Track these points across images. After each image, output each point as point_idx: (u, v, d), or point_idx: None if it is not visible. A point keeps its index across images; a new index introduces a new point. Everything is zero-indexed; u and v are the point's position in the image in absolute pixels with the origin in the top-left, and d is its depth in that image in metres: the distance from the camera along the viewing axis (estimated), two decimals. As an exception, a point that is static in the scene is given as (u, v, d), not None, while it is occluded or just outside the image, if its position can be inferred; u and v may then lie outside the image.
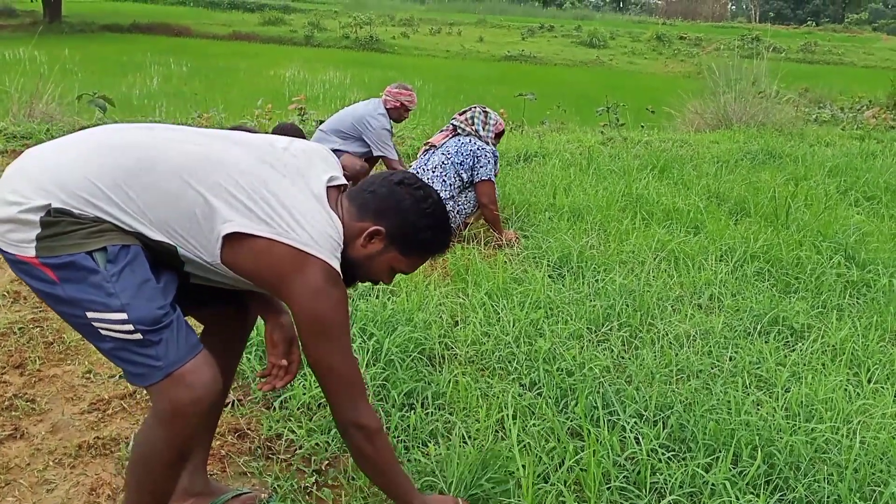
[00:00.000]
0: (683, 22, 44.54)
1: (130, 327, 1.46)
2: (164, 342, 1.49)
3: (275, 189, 1.58)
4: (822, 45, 30.92)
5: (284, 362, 1.82)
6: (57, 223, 1.46)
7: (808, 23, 48.96)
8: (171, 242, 1.54)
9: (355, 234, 1.69)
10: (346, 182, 1.77)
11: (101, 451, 2.20)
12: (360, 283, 1.87)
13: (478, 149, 4.25)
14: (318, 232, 1.58)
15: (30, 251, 1.46)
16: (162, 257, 1.57)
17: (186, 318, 1.60)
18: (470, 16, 38.36)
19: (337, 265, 1.59)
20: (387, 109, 5.29)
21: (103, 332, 1.48)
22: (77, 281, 1.46)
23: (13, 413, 2.37)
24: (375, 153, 5.17)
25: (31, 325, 2.93)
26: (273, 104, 7.81)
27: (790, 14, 60.52)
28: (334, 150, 5.14)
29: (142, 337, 1.47)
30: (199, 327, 1.84)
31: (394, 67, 18.77)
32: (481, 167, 4.24)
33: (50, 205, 1.45)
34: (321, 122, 6.04)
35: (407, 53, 25.56)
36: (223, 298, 1.83)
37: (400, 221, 1.70)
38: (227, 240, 1.53)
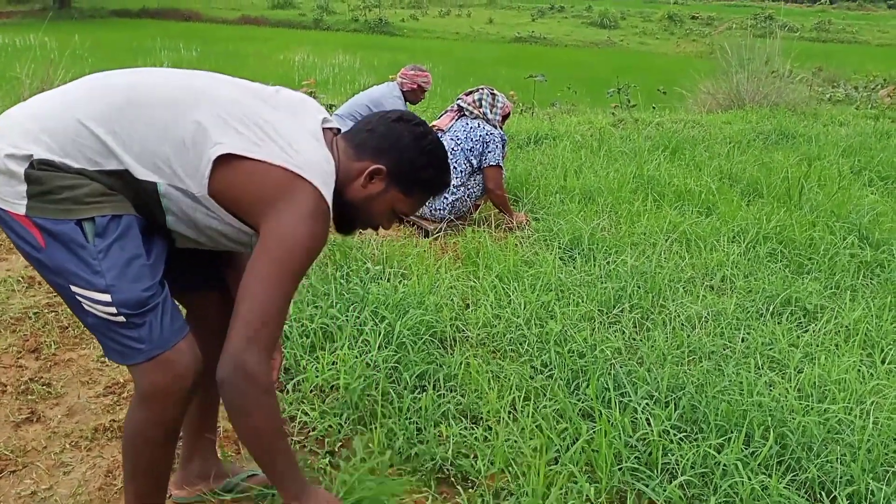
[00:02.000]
0: (695, 1, 44.05)
1: (114, 310, 1.42)
2: (147, 324, 1.45)
3: (268, 118, 1.53)
4: (836, 24, 30.57)
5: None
6: (43, 179, 1.40)
7: (822, 1, 48.30)
8: (156, 178, 1.46)
9: (354, 175, 1.62)
10: (339, 127, 1.71)
11: (117, 434, 2.22)
12: (357, 232, 1.79)
13: (487, 134, 4.24)
14: (312, 160, 1.51)
15: (20, 208, 1.41)
16: (149, 217, 1.51)
17: None
18: (479, -3, 38.05)
19: (328, 198, 1.51)
20: (403, 92, 5.30)
21: (86, 307, 1.44)
22: (63, 251, 1.42)
23: (29, 397, 2.40)
24: None
25: (45, 310, 2.96)
26: (283, 88, 7.78)
27: (804, -8, 59.64)
28: None
29: (125, 319, 1.44)
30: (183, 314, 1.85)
31: (403, 50, 18.70)
32: (489, 152, 4.22)
33: (32, 155, 1.40)
34: (331, 105, 6.03)
35: (416, 36, 25.46)
36: (209, 281, 1.81)
37: (401, 159, 1.63)
38: (217, 164, 1.46)
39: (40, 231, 1.42)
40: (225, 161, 1.46)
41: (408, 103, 5.35)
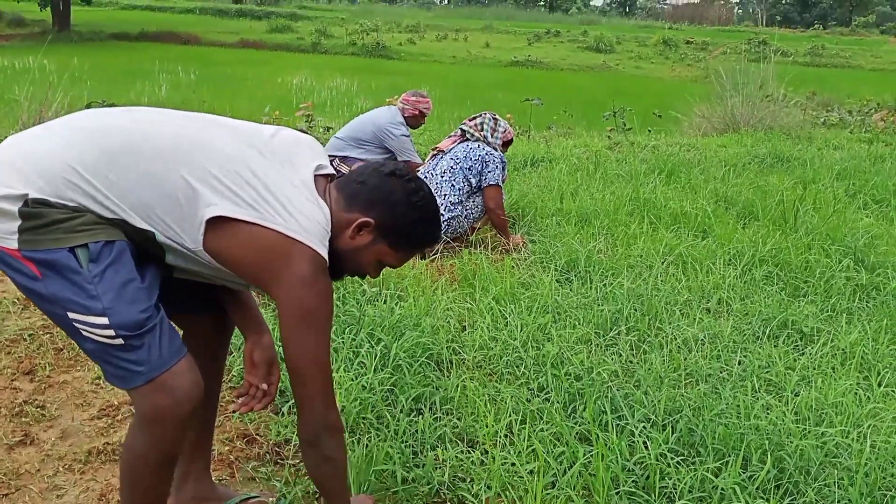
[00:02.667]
0: (690, 26, 44.52)
1: (112, 332, 1.43)
2: (146, 346, 1.46)
3: (261, 174, 1.54)
4: (830, 49, 30.87)
5: (265, 385, 1.79)
6: (37, 215, 1.41)
7: (816, 26, 48.84)
8: (152, 228, 1.48)
9: (343, 226, 1.64)
10: (335, 172, 1.72)
11: (111, 456, 2.21)
12: (347, 277, 1.81)
13: (486, 154, 4.26)
14: (306, 219, 1.53)
15: (12, 243, 1.42)
16: (145, 250, 1.53)
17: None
18: (476, 22, 38.43)
19: (325, 254, 1.54)
20: (404, 117, 5.35)
21: (85, 333, 1.45)
22: (59, 279, 1.42)
23: (23, 419, 2.38)
24: (400, 159, 5.21)
25: (41, 332, 2.94)
26: (280, 111, 7.83)
27: (797, 17, 60.41)
28: (352, 158, 5.19)
29: (123, 342, 1.44)
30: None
31: (400, 74, 18.83)
32: (489, 172, 4.25)
33: (27, 195, 1.41)
34: (329, 128, 6.06)
35: (413, 60, 25.64)
36: (203, 305, 1.81)
37: (390, 214, 1.65)
38: (210, 225, 1.48)
39: (34, 263, 1.43)
40: (219, 223, 1.48)
41: (409, 128, 5.40)
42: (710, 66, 16.84)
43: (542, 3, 67.31)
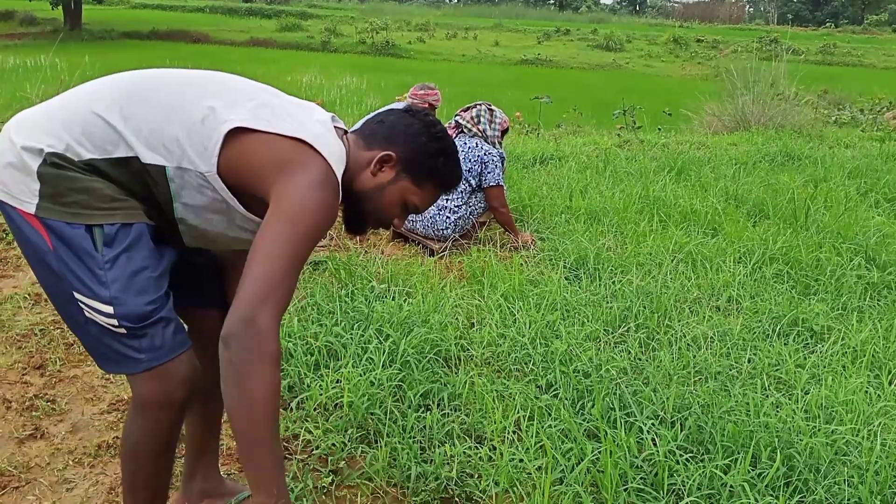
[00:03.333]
0: (700, 24, 44.33)
1: (115, 322, 1.43)
2: (148, 336, 1.46)
3: (279, 104, 1.54)
4: (842, 47, 30.68)
5: None
6: (56, 178, 1.41)
7: (827, 24, 48.56)
8: (164, 162, 1.45)
9: (363, 164, 1.60)
10: (346, 129, 1.70)
11: (120, 451, 2.22)
12: (369, 231, 1.75)
13: (485, 154, 4.23)
14: (323, 137, 1.50)
15: (31, 207, 1.41)
16: (160, 215, 1.51)
17: None
18: (486, 20, 38.40)
19: (339, 175, 1.50)
20: None
21: (87, 314, 1.44)
22: (71, 256, 1.42)
23: (34, 413, 2.40)
24: None
25: (51, 327, 2.96)
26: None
27: (809, 16, 60.08)
28: None
29: (126, 332, 1.45)
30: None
31: (410, 72, 18.83)
32: (489, 172, 4.22)
33: (43, 150, 1.41)
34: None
35: (423, 58, 25.64)
36: (211, 298, 1.81)
37: (412, 145, 1.61)
38: (227, 140, 1.45)
39: (49, 232, 1.42)
40: (236, 135, 1.46)
41: None
42: (720, 64, 16.76)
43: (552, 1, 67.19)
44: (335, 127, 1.62)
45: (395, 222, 1.68)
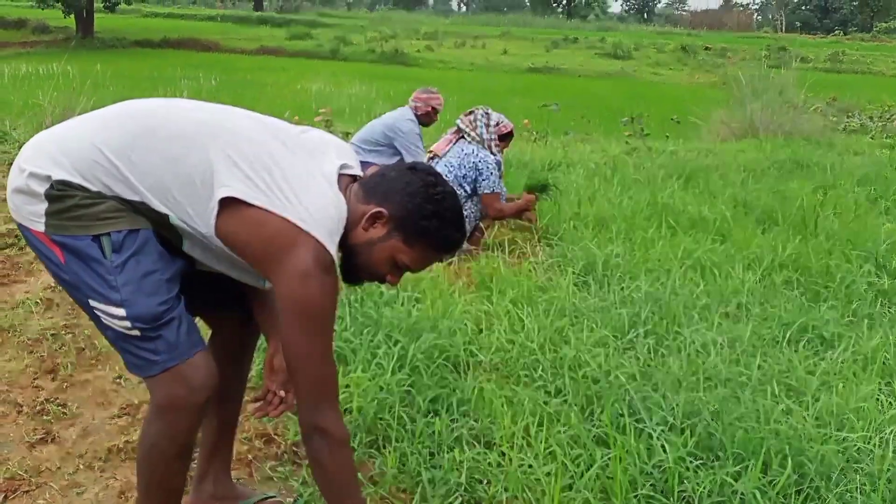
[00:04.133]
0: (708, 32, 44.27)
1: (128, 324, 1.47)
2: (162, 338, 1.49)
3: (280, 162, 1.53)
4: (850, 55, 30.55)
5: (283, 393, 1.78)
6: (62, 198, 1.46)
7: (836, 32, 48.41)
8: (168, 211, 1.50)
9: (358, 218, 1.58)
10: (360, 174, 1.69)
11: (131, 455, 2.22)
12: (365, 283, 1.73)
13: (479, 161, 4.23)
14: (317, 209, 1.50)
15: (40, 226, 1.47)
16: (167, 238, 1.55)
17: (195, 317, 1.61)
18: (494, 29, 38.47)
19: (333, 249, 1.51)
20: (416, 115, 5.33)
21: (104, 320, 1.49)
22: (81, 266, 1.47)
23: (45, 417, 2.41)
24: (407, 160, 5.20)
25: (63, 332, 2.98)
26: (300, 117, 7.89)
27: (817, 23, 59.96)
28: (365, 163, 5.20)
29: (140, 333, 1.48)
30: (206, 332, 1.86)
31: (419, 80, 18.79)
32: (484, 180, 4.22)
33: (51, 176, 1.46)
34: (348, 133, 6.09)
35: (431, 66, 25.68)
36: (231, 303, 1.82)
37: (406, 204, 1.57)
38: (222, 207, 1.48)
39: (59, 248, 1.47)
40: (230, 205, 1.48)
41: (421, 126, 5.39)
42: (728, 72, 16.74)
43: (560, 9, 67.30)
44: (344, 175, 1.62)
45: (388, 279, 1.66)
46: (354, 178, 1.66)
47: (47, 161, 1.48)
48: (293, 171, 1.53)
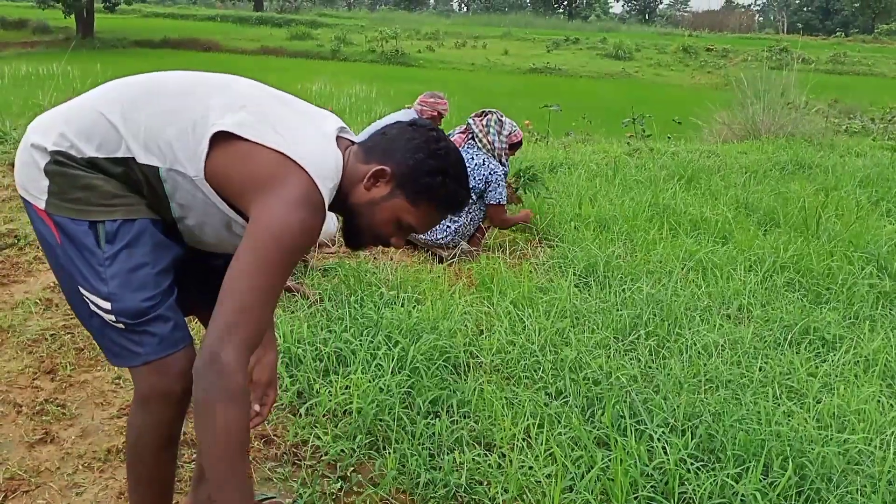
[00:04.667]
0: (710, 34, 44.28)
1: (113, 317, 1.47)
2: (147, 333, 1.48)
3: (277, 112, 1.51)
4: (852, 56, 30.57)
5: (257, 407, 1.73)
6: (61, 174, 1.45)
7: (838, 33, 48.42)
8: (157, 163, 1.46)
9: (359, 178, 1.53)
10: (355, 141, 1.65)
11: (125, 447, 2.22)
12: (368, 247, 1.67)
13: (490, 173, 4.24)
14: (312, 151, 1.45)
15: (41, 202, 1.48)
16: (160, 212, 1.52)
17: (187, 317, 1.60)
18: (495, 29, 38.49)
19: (325, 193, 1.44)
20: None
21: (92, 307, 1.48)
22: (75, 252, 1.47)
23: (44, 417, 2.40)
24: None
25: (62, 332, 2.97)
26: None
27: (819, 25, 59.98)
28: None
29: (123, 327, 1.48)
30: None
31: (419, 81, 18.87)
32: (491, 191, 4.25)
33: (47, 147, 1.45)
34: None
35: (432, 67, 25.70)
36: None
37: (408, 161, 1.52)
38: (213, 145, 1.44)
39: (57, 228, 1.48)
40: (221, 141, 1.45)
41: None
42: (730, 73, 16.74)
43: (561, 10, 67.31)
44: (342, 137, 1.60)
45: (393, 242, 1.60)
46: (353, 143, 1.63)
47: (48, 129, 1.49)
48: (290, 121, 1.50)
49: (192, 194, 1.49)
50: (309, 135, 1.50)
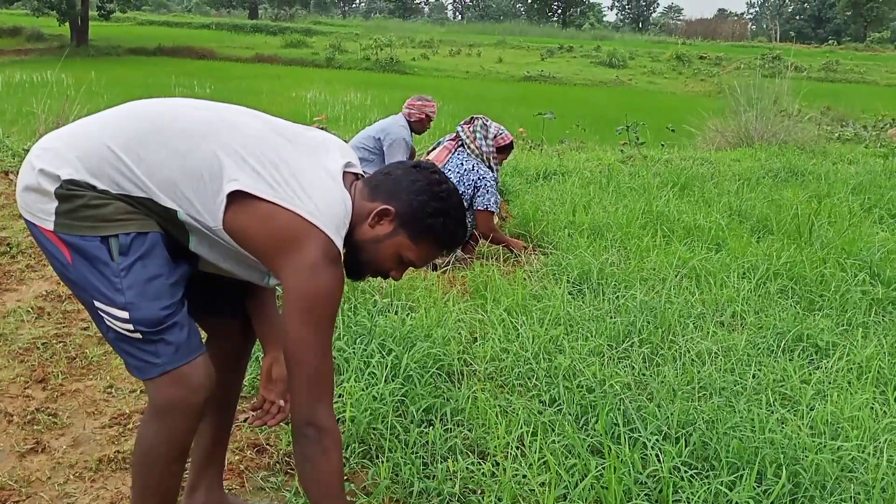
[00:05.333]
0: (703, 42, 44.48)
1: (131, 326, 1.48)
2: (164, 342, 1.50)
3: (286, 158, 1.55)
4: (844, 64, 30.77)
5: (281, 402, 1.81)
6: (72, 197, 1.47)
7: (830, 42, 48.70)
8: (176, 206, 1.51)
9: (364, 216, 1.61)
10: (362, 172, 1.72)
11: (122, 465, 2.21)
12: (368, 279, 1.78)
13: (479, 178, 4.23)
14: (325, 204, 1.52)
15: (49, 224, 1.48)
16: (174, 239, 1.56)
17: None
18: (489, 37, 38.61)
19: (339, 244, 1.53)
20: (409, 122, 5.33)
21: (107, 322, 1.50)
22: (88, 267, 1.48)
23: (35, 427, 2.39)
24: (388, 159, 5.20)
25: (54, 341, 2.96)
26: (294, 124, 7.88)
27: (811, 33, 60.33)
28: None
29: (141, 336, 1.49)
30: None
31: (414, 88, 18.87)
32: (479, 197, 4.24)
33: (60, 175, 1.47)
34: (344, 140, 6.10)
35: (427, 74, 25.76)
36: (231, 311, 1.83)
37: (411, 202, 1.61)
38: (230, 200, 1.49)
39: (67, 247, 1.48)
40: (238, 198, 1.50)
41: (413, 133, 5.40)
42: (723, 81, 16.82)
43: (555, 18, 67.55)
44: (348, 173, 1.64)
45: (392, 275, 1.68)
46: (357, 176, 1.69)
47: (57, 159, 1.49)
48: (299, 166, 1.55)
49: (210, 237, 1.55)
50: (320, 181, 1.55)
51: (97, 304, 1.49)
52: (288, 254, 1.49)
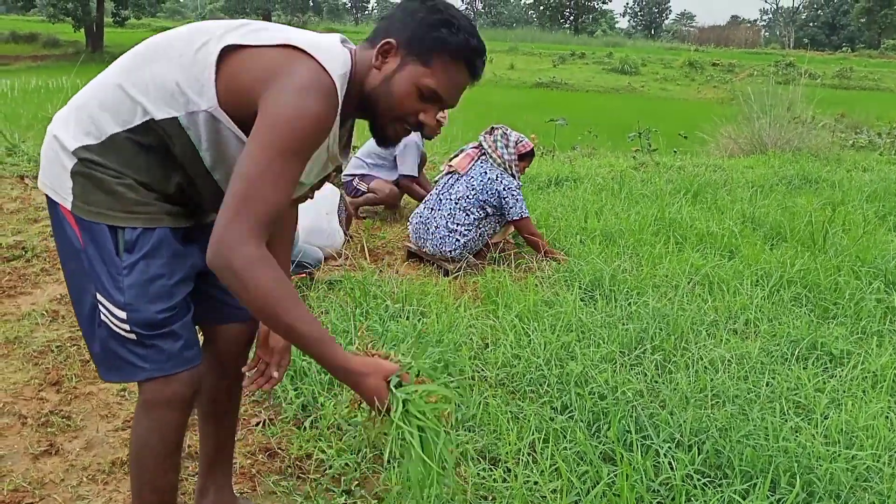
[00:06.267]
0: (716, 48, 44.37)
1: (127, 327, 1.47)
2: (156, 348, 1.49)
3: (279, 27, 1.50)
4: (858, 71, 30.62)
5: (275, 373, 1.75)
6: (86, 178, 1.45)
7: (844, 48, 48.47)
8: (174, 112, 1.43)
9: (368, 64, 1.50)
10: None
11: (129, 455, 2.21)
12: (400, 136, 1.62)
13: (504, 189, 4.24)
14: (317, 41, 1.44)
15: (68, 203, 1.47)
16: (195, 167, 1.50)
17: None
18: (501, 44, 38.64)
19: (336, 77, 1.40)
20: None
21: (103, 315, 1.48)
22: (97, 257, 1.47)
23: (49, 429, 2.41)
24: (400, 164, 5.22)
25: (68, 344, 2.98)
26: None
27: (825, 40, 60.07)
28: (370, 176, 5.23)
29: (135, 338, 1.48)
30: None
31: (426, 94, 18.92)
32: (511, 207, 4.24)
33: (74, 148, 1.45)
34: (354, 147, 6.11)
35: (439, 81, 25.78)
36: (233, 312, 1.80)
37: (409, 24, 1.48)
38: (219, 66, 1.42)
39: (81, 230, 1.47)
40: (226, 59, 1.43)
41: (424, 139, 5.42)
42: (736, 88, 16.76)
43: (567, 25, 67.58)
44: (345, 45, 1.56)
45: (423, 118, 1.54)
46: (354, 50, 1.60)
47: (70, 121, 1.48)
48: (291, 30, 1.49)
49: (215, 132, 1.45)
50: (310, 34, 1.48)
51: (99, 295, 1.47)
52: (274, 80, 1.37)
